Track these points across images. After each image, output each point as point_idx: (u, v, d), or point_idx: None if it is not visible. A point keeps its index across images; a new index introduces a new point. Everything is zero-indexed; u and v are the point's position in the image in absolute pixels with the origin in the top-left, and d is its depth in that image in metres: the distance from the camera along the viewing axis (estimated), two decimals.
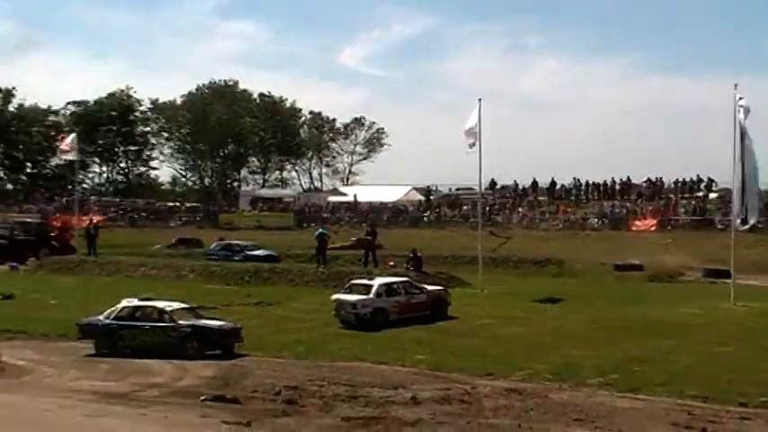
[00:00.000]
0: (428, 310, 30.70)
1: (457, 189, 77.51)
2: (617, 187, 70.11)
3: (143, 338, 25.57)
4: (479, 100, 37.54)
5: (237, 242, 51.10)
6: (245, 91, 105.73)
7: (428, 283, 33.34)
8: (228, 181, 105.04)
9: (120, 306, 26.44)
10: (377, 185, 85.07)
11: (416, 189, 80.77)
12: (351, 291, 30.63)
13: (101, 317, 26.32)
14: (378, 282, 30.75)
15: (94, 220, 54.08)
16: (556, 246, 53.41)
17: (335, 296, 30.63)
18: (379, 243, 42.65)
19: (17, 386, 22.10)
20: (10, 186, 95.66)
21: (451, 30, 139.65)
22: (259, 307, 33.88)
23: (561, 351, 25.03)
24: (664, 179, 68.90)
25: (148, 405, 19.81)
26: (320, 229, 44.17)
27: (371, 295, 29.88)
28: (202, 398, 19.67)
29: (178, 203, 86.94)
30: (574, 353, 24.65)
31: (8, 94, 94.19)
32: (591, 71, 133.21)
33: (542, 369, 22.65)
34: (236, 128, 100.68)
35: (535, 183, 73.79)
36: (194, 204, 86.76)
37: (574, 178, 72.54)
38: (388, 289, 30.50)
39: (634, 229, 60.59)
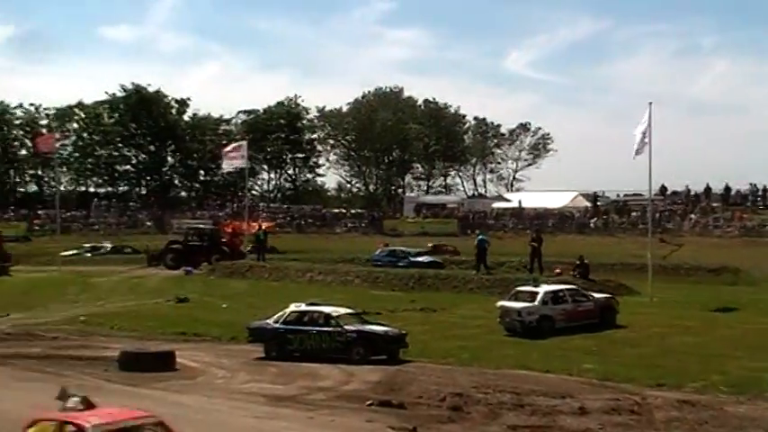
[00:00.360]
0: (595, 318, 30.01)
1: (625, 195, 75.69)
2: None
3: (310, 342, 25.96)
4: (650, 104, 36.52)
5: (402, 248, 51.35)
6: (409, 98, 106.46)
7: (595, 291, 32.59)
8: (393, 187, 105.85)
9: (288, 310, 26.92)
10: (542, 191, 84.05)
11: (583, 195, 79.31)
12: (516, 298, 30.25)
13: (270, 321, 26.85)
14: (544, 289, 30.27)
15: (263, 227, 55.38)
16: (731, 253, 51.40)
17: (500, 303, 30.32)
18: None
19: (191, 387, 22.77)
20: (184, 194, 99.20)
21: (620, 32, 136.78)
22: (424, 313, 33.89)
23: (738, 362, 24.01)
24: None
25: (316, 408, 20.06)
26: (480, 236, 43.89)
27: (537, 303, 29.43)
28: (368, 402, 19.76)
29: (344, 210, 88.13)
30: (752, 364, 23.59)
31: (183, 104, 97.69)
32: (766, 72, 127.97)
33: (717, 381, 21.76)
34: (401, 134, 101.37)
35: (708, 188, 71.27)
36: (359, 211, 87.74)
37: (750, 183, 69.90)
38: (554, 296, 29.99)
39: None
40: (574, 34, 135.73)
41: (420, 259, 47.83)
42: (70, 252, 56.06)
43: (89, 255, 57.16)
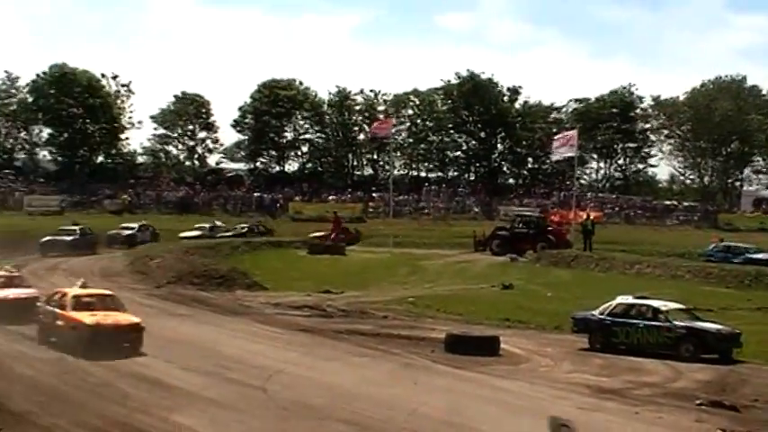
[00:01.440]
0: None
1: None
2: None
3: (637, 336, 25.33)
4: None
5: (738, 244, 48.86)
6: (753, 86, 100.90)
7: None
8: (729, 180, 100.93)
9: (614, 302, 26.42)
10: None
11: None
12: None
13: (595, 312, 26.46)
14: None
15: (591, 216, 54.65)
16: None
17: None
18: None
19: (514, 373, 22.86)
20: (512, 181, 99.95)
21: None
22: (761, 313, 32.05)
23: None
24: None
25: (641, 404, 19.51)
26: None
27: None
28: (698, 402, 18.97)
29: (675, 202, 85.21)
30: None
31: (515, 92, 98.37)
32: None
33: None
34: (742, 125, 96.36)
35: None
36: (692, 203, 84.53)
37: None
38: None
39: None
40: None
41: (759, 256, 45.28)
42: (190, 233, 56.96)
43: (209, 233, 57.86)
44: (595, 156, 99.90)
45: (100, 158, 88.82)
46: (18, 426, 16.49)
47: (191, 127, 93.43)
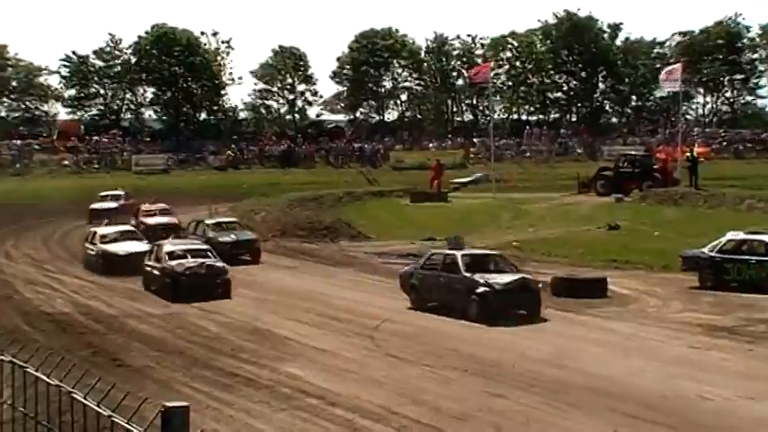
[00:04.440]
0: None
1: None
2: None
3: (749, 272, 24.77)
4: None
5: None
6: None
7: None
8: None
9: (725, 239, 25.84)
10: None
11: None
12: None
13: (705, 249, 25.93)
14: None
15: (695, 151, 53.39)
16: None
17: None
18: None
19: (623, 314, 22.66)
20: (615, 120, 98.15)
21: None
22: None
23: None
24: None
25: (756, 340, 19.15)
26: None
27: None
28: None
29: None
30: None
31: (615, 29, 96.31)
32: None
33: None
34: None
35: None
36: None
37: None
38: None
39: None
40: None
41: None
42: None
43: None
44: (701, 90, 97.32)
45: (203, 116, 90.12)
46: (137, 380, 17.04)
47: (290, 80, 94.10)
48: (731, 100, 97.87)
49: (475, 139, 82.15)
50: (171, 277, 25.82)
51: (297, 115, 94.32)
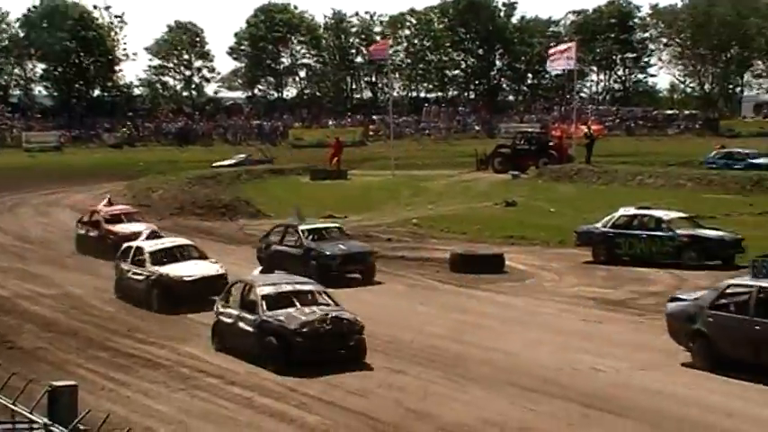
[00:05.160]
0: None
1: None
2: None
3: (640, 247, 25.40)
4: None
5: (739, 150, 48.67)
6: None
7: None
8: (730, 86, 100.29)
9: (617, 214, 26.42)
10: None
11: None
12: None
13: (598, 225, 26.49)
14: None
15: (591, 128, 54.38)
16: None
17: None
18: None
19: (519, 289, 23.04)
20: (512, 98, 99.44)
21: None
22: (763, 217, 32.05)
23: None
24: None
25: (646, 313, 19.66)
26: None
27: None
28: None
29: (676, 111, 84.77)
30: None
31: (511, 7, 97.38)
32: None
33: None
34: (741, 30, 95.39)
35: None
36: (693, 112, 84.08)
37: None
38: None
39: None
40: None
41: (760, 161, 45.10)
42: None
43: None
44: (595, 68, 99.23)
45: (96, 92, 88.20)
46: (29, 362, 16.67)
47: (186, 57, 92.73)
48: (623, 78, 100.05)
49: (374, 117, 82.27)
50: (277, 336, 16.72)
51: (194, 92, 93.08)
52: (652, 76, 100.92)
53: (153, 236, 24.57)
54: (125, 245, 23.78)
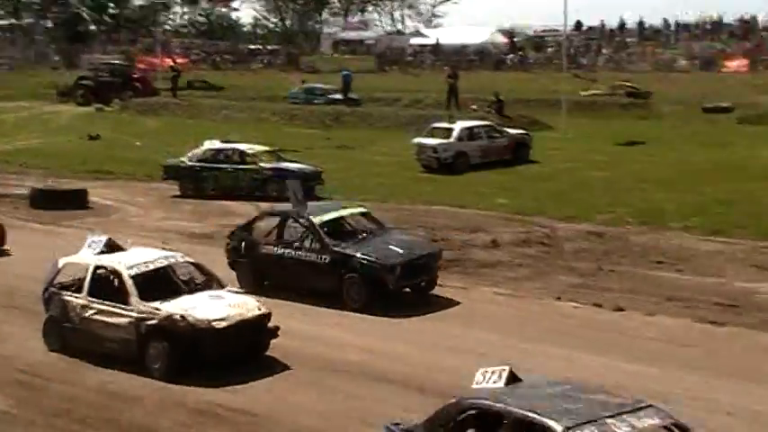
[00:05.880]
0: (510, 154, 30.38)
1: (543, 30, 75.71)
2: (707, 27, 67.95)
3: (226, 180, 25.91)
4: None
5: (319, 85, 50.84)
6: None
7: (510, 127, 32.87)
8: (310, 23, 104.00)
9: (203, 148, 26.73)
10: (460, 27, 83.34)
11: (500, 31, 79.02)
12: (432, 135, 30.40)
13: (185, 159, 26.67)
14: (459, 125, 30.43)
15: (176, 62, 54.24)
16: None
17: (417, 140, 30.41)
18: None
19: (104, 224, 22.66)
20: (93, 27, 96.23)
21: None
22: (340, 150, 33.93)
23: (644, 194, 24.70)
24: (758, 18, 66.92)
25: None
26: (344, 71, 47.15)
27: (453, 139, 29.63)
28: None
29: (260, 46, 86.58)
30: (656, 196, 24.28)
31: None
32: None
33: (624, 213, 22.42)
34: None
35: (623, 23, 71.80)
36: (276, 47, 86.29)
37: (663, 18, 70.70)
38: (469, 133, 30.19)
39: (724, 70, 58.77)
40: None
41: (338, 96, 47.47)
42: None
43: None
44: (179, 0, 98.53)
45: None
46: None
47: None
48: (207, 12, 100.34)
49: None
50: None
51: None
52: (235, 10, 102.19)
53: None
54: (63, 261, 14.77)
